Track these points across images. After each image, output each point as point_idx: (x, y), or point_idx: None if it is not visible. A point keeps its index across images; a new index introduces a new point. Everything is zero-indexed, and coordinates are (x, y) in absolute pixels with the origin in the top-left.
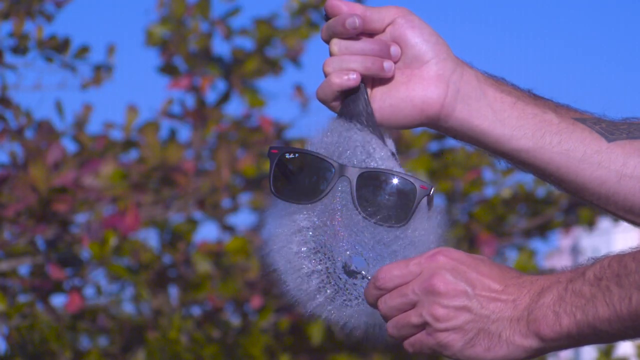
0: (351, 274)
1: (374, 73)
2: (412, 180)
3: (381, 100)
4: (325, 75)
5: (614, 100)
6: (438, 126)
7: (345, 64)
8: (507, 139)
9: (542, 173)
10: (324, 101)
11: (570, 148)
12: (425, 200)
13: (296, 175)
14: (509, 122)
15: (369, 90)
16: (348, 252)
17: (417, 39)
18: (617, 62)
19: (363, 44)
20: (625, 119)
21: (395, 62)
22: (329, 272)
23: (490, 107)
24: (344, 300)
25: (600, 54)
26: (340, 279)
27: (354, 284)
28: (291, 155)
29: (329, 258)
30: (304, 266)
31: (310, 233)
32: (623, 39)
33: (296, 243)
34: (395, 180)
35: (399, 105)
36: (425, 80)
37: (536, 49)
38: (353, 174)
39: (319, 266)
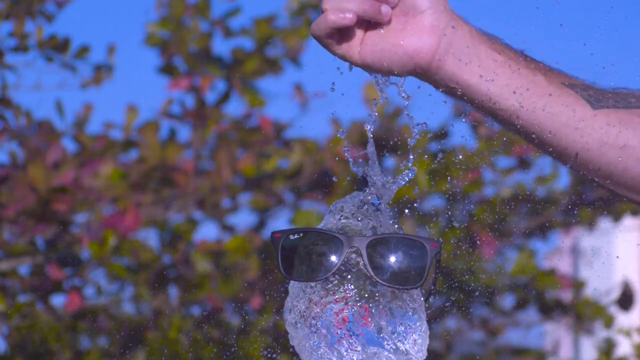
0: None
1: (370, 16)
2: (422, 241)
3: (374, 44)
4: (322, 11)
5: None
6: (427, 77)
7: (343, 4)
8: (494, 97)
9: (526, 134)
10: (317, 37)
11: (556, 112)
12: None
13: (304, 254)
14: (497, 81)
15: (362, 33)
16: (369, 321)
17: None
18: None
19: None
20: (615, 89)
21: (392, 8)
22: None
23: (480, 63)
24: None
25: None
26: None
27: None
28: (295, 236)
29: (346, 330)
30: (321, 345)
31: (329, 308)
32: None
33: (312, 318)
34: (405, 243)
35: (391, 51)
36: (419, 30)
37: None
38: (362, 243)
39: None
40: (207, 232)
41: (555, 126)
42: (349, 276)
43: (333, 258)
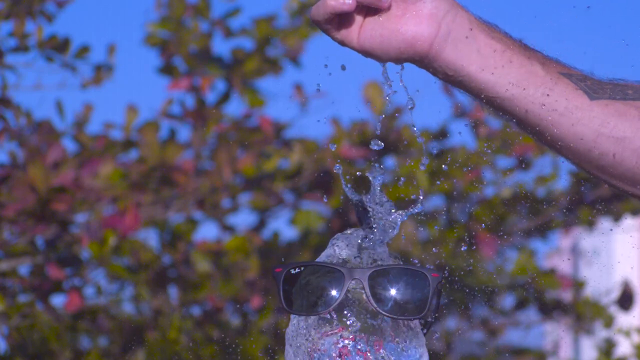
0: None
1: (369, 2)
2: (423, 271)
3: (372, 29)
4: None
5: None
6: (425, 64)
7: None
8: (491, 85)
9: (523, 123)
10: (317, 22)
11: (552, 101)
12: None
13: (305, 287)
14: (495, 69)
15: (362, 18)
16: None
17: None
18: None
19: None
20: (612, 80)
21: None
22: None
23: (478, 52)
24: None
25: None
26: None
27: None
28: (296, 270)
29: None
30: None
31: (330, 340)
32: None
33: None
34: (406, 274)
35: (390, 37)
36: (419, 17)
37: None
38: (363, 275)
39: None
40: (207, 232)
41: (552, 116)
42: (350, 308)
43: (334, 291)
